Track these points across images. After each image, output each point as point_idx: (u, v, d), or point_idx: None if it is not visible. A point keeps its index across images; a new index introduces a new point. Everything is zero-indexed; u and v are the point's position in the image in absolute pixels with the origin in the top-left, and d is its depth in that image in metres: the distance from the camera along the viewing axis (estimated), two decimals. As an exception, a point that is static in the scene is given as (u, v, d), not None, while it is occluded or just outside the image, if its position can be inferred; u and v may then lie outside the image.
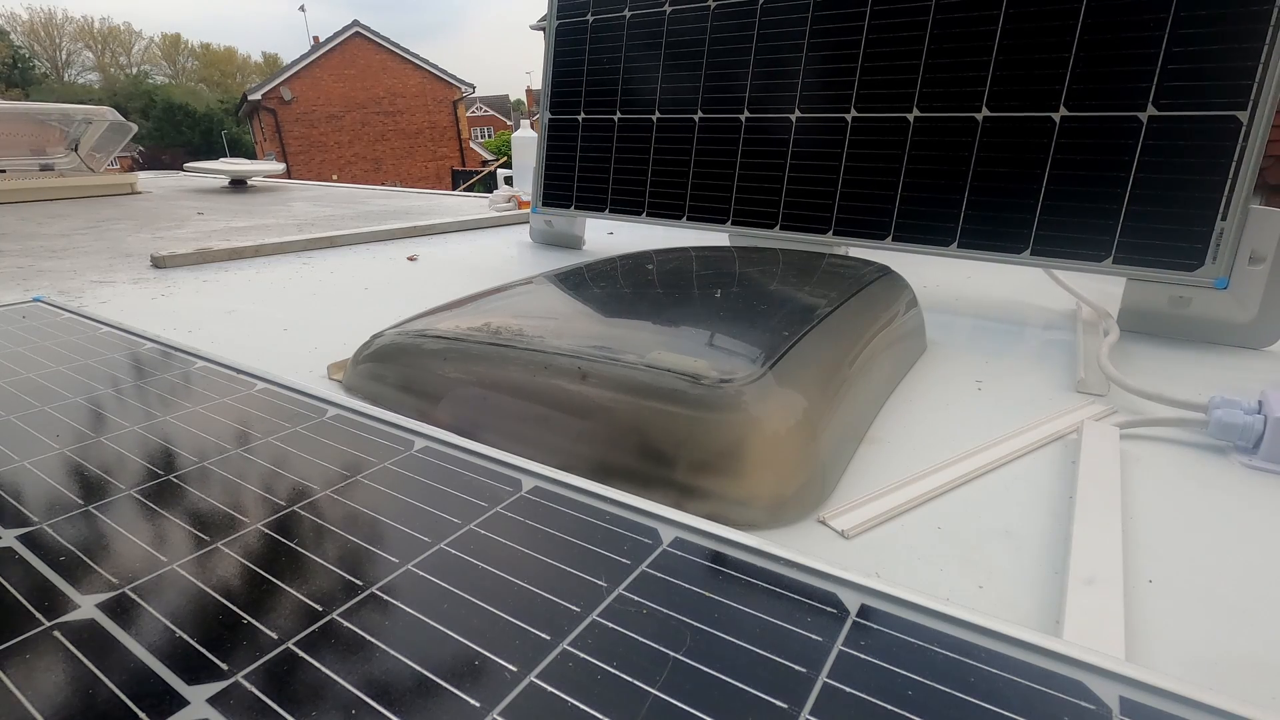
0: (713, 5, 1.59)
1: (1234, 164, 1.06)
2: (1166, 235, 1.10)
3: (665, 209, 1.67)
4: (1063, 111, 1.19)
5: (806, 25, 1.46)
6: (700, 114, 1.62)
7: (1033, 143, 1.21)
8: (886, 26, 1.36)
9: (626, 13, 1.73)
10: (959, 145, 1.28)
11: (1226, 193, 1.06)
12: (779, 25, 1.50)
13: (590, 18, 1.79)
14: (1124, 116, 1.14)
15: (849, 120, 1.40)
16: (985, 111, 1.26)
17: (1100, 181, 1.16)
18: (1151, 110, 1.12)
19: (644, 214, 1.70)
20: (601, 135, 1.80)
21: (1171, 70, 1.10)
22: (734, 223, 1.55)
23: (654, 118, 1.69)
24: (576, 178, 1.84)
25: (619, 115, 1.76)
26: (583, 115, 1.83)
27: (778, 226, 1.48)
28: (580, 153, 1.84)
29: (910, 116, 1.34)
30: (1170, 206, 1.10)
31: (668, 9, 1.66)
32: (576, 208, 1.83)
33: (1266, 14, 1.04)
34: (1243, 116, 1.05)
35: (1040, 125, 1.21)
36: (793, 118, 1.47)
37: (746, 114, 1.54)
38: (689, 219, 1.62)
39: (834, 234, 1.41)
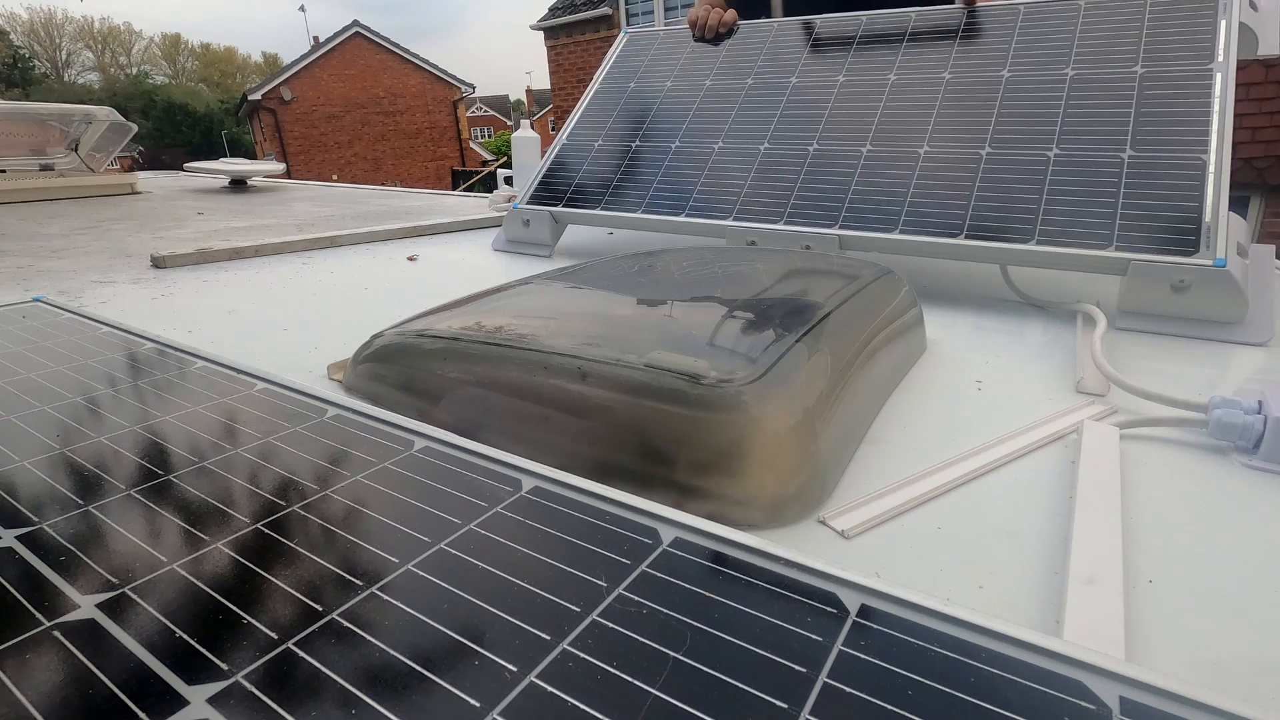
0: (750, 82, 1.82)
1: (1208, 180, 1.21)
2: (1161, 229, 1.19)
3: (666, 207, 1.68)
4: (1055, 151, 1.36)
5: (831, 100, 1.69)
6: (720, 145, 1.74)
7: (1031, 169, 1.36)
8: (902, 95, 1.60)
9: (668, 83, 1.94)
10: (965, 170, 1.42)
11: (1211, 194, 1.19)
12: (804, 100, 1.72)
13: (633, 84, 2.00)
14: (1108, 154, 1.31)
15: (863, 153, 1.55)
16: (988, 149, 1.42)
17: (1095, 195, 1.28)
18: (1130, 152, 1.29)
19: (641, 210, 1.71)
20: (614, 154, 1.87)
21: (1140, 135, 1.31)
22: (737, 217, 1.57)
23: (673, 145, 1.80)
24: (575, 183, 1.86)
25: (638, 143, 1.85)
26: (600, 141, 1.92)
27: (783, 221, 1.51)
28: (587, 165, 1.89)
29: (920, 151, 1.49)
30: (1160, 204, 1.22)
31: (707, 83, 1.88)
32: (567, 206, 1.84)
33: (1207, 93, 1.28)
34: (1206, 158, 1.23)
35: (1037, 158, 1.37)
36: (810, 149, 1.62)
37: (766, 145, 1.68)
38: (689, 215, 1.63)
39: (840, 228, 1.44)
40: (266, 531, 0.49)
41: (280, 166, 4.45)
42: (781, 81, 1.78)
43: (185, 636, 0.39)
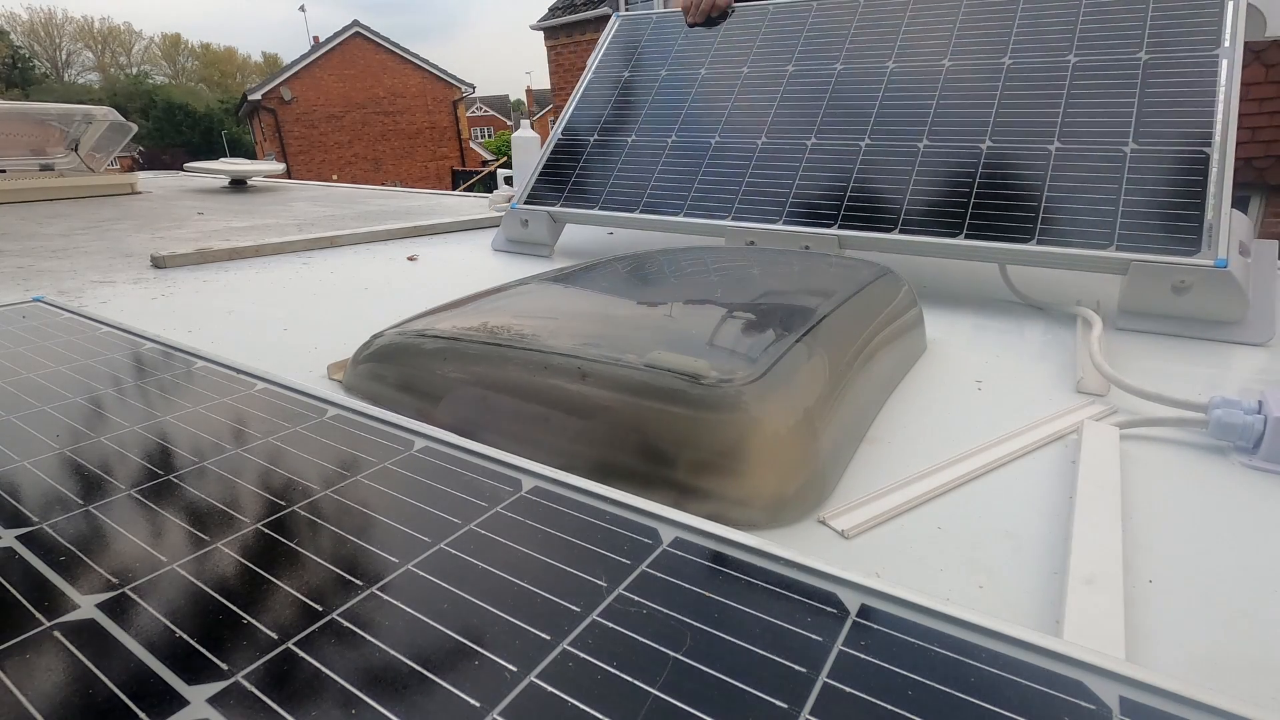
0: (745, 70, 1.78)
1: (1210, 176, 1.19)
2: (1162, 228, 1.19)
3: (664, 206, 1.67)
4: (1056, 145, 1.34)
5: (827, 94, 1.66)
6: (716, 139, 1.72)
7: (1032, 164, 1.35)
8: (897, 94, 1.57)
9: (663, 72, 1.90)
10: (964, 168, 1.41)
11: (1213, 191, 1.18)
12: (799, 92, 1.70)
13: (626, 74, 1.96)
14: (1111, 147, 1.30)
15: (862, 147, 1.54)
16: (988, 143, 1.41)
17: (1096, 191, 1.26)
18: (1133, 145, 1.27)
19: (639, 210, 1.69)
20: (611, 150, 1.86)
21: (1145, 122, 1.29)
22: (735, 217, 1.56)
23: (669, 140, 1.78)
24: (572, 180, 1.85)
25: (633, 138, 1.84)
26: (595, 136, 1.90)
27: (781, 221, 1.50)
28: (583, 161, 1.87)
29: (920, 145, 1.48)
30: (1162, 200, 1.21)
31: (702, 72, 1.83)
32: (564, 205, 1.82)
33: (1212, 72, 1.26)
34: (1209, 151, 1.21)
35: (1038, 152, 1.36)
36: (809, 143, 1.61)
37: (763, 140, 1.66)
38: (688, 214, 1.62)
39: (839, 228, 1.43)
40: (266, 531, 0.49)
41: (280, 166, 4.44)
42: (778, 70, 1.75)
43: (185, 636, 0.39)
